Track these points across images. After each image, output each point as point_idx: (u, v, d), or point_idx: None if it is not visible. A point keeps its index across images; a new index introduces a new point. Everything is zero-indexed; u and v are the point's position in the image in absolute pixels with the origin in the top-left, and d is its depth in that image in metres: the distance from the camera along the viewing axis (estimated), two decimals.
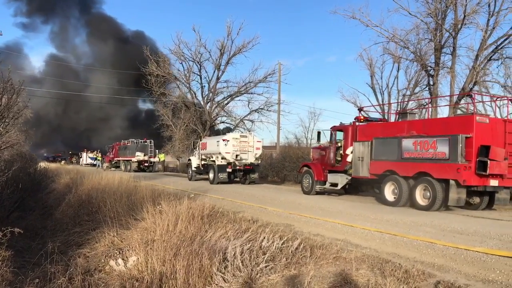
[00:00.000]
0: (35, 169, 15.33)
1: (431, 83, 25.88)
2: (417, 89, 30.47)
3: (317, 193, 17.80)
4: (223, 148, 23.45)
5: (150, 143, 42.68)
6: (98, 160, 54.33)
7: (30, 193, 11.86)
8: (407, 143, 13.94)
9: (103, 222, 9.21)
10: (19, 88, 6.70)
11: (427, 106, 25.39)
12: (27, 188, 11.12)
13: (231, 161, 23.49)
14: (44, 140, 60.18)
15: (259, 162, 25.16)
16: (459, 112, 22.86)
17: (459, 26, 22.69)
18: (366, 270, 6.16)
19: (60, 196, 14.95)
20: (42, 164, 22.56)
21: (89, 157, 59.13)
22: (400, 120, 16.16)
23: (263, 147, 26.37)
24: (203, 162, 26.26)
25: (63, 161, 59.63)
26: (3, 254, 5.80)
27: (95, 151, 59.18)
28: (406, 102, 29.03)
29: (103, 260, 7.38)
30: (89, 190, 13.77)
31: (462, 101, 23.91)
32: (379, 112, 29.59)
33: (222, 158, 23.66)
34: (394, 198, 14.17)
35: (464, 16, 22.11)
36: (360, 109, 18.45)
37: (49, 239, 9.05)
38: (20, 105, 8.08)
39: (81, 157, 61.68)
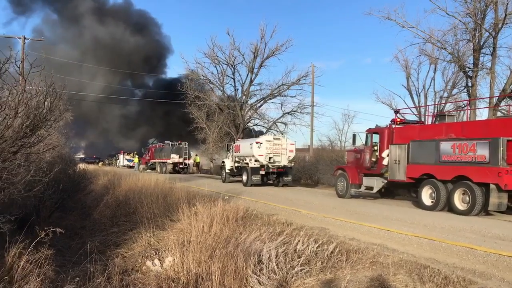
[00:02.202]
0: (74, 170, 15.74)
1: (470, 84, 25.22)
2: (455, 91, 29.88)
3: (352, 196, 17.57)
4: (257, 151, 23.48)
5: (185, 145, 43.28)
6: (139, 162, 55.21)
7: (70, 193, 12.17)
8: (445, 146, 13.61)
9: (140, 223, 9.38)
10: (61, 92, 6.90)
11: (465, 108, 24.75)
12: (67, 189, 11.41)
13: (264, 164, 23.49)
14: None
15: (292, 164, 25.06)
16: (499, 114, 22.17)
17: (500, 25, 22.06)
18: (403, 275, 6.04)
19: (98, 197, 15.31)
20: (81, 166, 23.18)
21: (125, 159, 60.39)
22: (437, 123, 15.80)
23: (296, 149, 26.26)
24: (236, 165, 26.37)
25: (100, 163, 61.15)
26: (46, 253, 5.98)
27: (132, 153, 60.38)
28: (443, 104, 28.41)
29: (140, 260, 7.50)
30: (126, 191, 14.05)
31: (503, 103, 23.20)
32: (415, 115, 29.07)
33: (256, 160, 23.71)
34: (432, 202, 13.86)
35: (505, 15, 21.48)
36: (397, 112, 18.15)
37: (88, 238, 9.28)
38: (61, 108, 8.31)
39: (117, 159, 63.02)
